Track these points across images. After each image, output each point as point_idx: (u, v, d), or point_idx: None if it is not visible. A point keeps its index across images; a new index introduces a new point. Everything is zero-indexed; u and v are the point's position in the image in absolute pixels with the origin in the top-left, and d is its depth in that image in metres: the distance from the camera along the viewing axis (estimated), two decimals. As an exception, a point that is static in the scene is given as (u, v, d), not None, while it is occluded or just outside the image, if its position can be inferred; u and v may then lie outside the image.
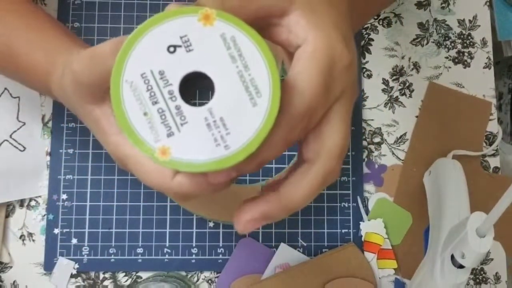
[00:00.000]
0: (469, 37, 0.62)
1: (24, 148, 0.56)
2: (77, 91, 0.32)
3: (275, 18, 0.28)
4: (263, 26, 0.28)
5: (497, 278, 0.58)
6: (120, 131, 0.30)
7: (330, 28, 0.28)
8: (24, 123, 0.57)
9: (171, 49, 0.25)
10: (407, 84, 0.61)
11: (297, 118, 0.26)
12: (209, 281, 0.56)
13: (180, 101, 0.25)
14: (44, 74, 0.39)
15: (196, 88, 0.24)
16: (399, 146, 0.60)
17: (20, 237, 0.55)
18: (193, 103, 0.25)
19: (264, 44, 0.25)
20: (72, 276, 0.55)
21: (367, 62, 0.61)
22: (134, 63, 0.25)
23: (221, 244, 0.56)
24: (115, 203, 0.56)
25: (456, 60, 0.62)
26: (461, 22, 0.62)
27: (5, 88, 0.57)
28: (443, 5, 0.63)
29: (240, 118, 0.24)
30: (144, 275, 0.56)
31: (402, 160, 0.59)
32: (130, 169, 0.30)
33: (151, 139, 0.24)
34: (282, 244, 0.57)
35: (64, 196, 0.56)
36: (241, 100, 0.24)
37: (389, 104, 0.60)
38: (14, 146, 0.56)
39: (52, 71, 0.38)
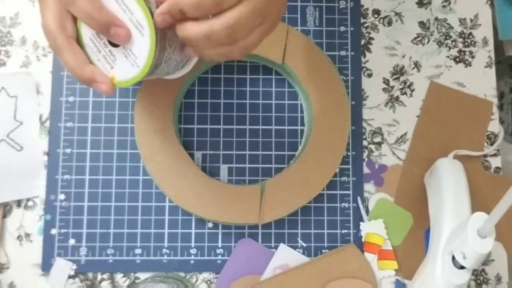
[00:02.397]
0: (470, 36, 0.62)
1: (21, 147, 0.56)
2: None
3: None
4: None
5: (498, 279, 0.57)
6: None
7: None
8: (21, 123, 0.56)
9: None
10: (408, 84, 0.60)
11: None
12: (208, 282, 0.55)
13: (110, 47, 0.40)
14: None
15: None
16: (399, 146, 0.59)
17: (18, 238, 0.55)
18: (115, 45, 0.40)
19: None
20: (69, 277, 0.55)
21: (367, 61, 0.60)
22: (85, 33, 0.41)
23: (220, 244, 0.56)
24: (113, 204, 0.56)
25: (457, 59, 0.61)
26: (462, 21, 0.62)
27: (3, 87, 0.56)
28: (444, 3, 0.62)
29: (138, 45, 0.39)
30: (143, 276, 0.55)
31: (403, 160, 0.59)
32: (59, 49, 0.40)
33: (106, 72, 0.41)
34: (281, 245, 0.56)
35: (61, 196, 0.55)
36: (136, 35, 0.38)
37: (390, 103, 0.60)
38: (11, 146, 0.55)
39: None
